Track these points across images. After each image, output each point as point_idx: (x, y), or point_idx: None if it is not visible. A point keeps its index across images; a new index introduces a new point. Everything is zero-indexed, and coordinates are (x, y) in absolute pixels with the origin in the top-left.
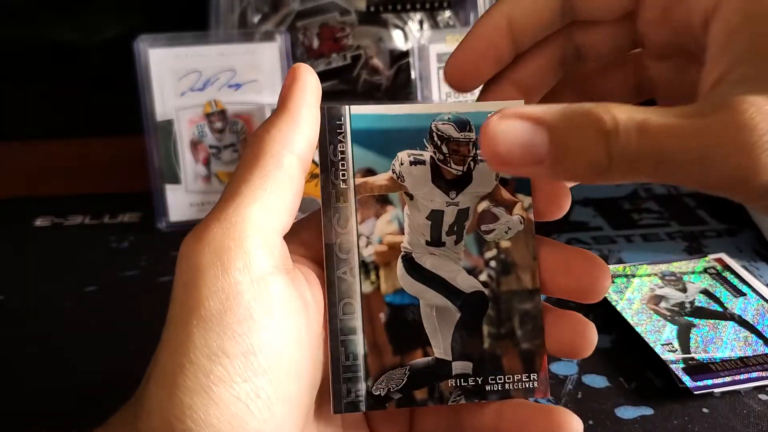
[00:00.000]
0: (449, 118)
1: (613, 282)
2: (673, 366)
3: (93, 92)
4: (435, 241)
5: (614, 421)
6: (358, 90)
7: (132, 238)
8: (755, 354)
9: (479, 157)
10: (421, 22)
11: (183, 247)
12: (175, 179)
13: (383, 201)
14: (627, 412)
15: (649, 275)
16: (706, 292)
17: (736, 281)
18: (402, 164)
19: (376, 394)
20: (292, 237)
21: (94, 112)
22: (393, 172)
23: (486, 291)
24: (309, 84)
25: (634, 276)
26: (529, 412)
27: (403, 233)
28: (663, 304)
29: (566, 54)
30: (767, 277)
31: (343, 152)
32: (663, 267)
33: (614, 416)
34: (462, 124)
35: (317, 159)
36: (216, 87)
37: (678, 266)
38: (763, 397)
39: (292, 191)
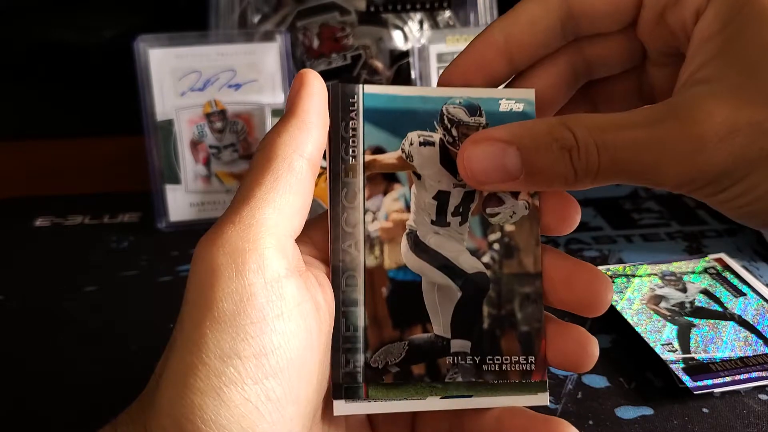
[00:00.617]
0: (460, 102)
1: (613, 282)
2: (673, 366)
3: (93, 92)
4: (440, 221)
5: (614, 422)
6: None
7: (132, 238)
8: (755, 354)
9: None
10: (421, 22)
11: (198, 248)
12: (175, 179)
13: (391, 179)
14: (627, 412)
15: (649, 275)
16: (706, 292)
17: (736, 281)
18: (412, 144)
19: (374, 366)
20: (302, 237)
21: (94, 112)
22: (402, 152)
23: (488, 272)
24: (316, 89)
25: (634, 276)
26: (527, 421)
27: (409, 211)
28: (663, 304)
29: (577, 67)
30: (767, 277)
31: (354, 129)
32: (663, 267)
33: (614, 416)
34: (473, 109)
35: (324, 163)
36: (216, 87)
37: (678, 266)
38: (763, 397)
39: (303, 194)
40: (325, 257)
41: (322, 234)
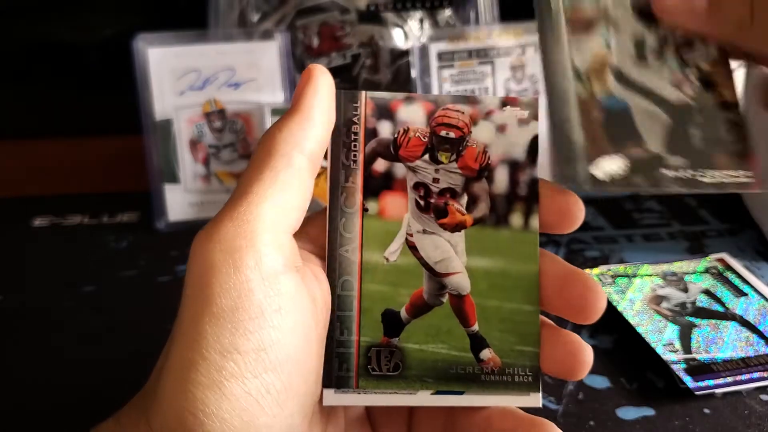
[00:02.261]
0: None
1: (614, 282)
2: (674, 366)
3: (92, 92)
4: (640, 59)
5: (615, 422)
6: (358, 89)
7: (131, 237)
8: (757, 354)
9: None
10: (421, 21)
11: (195, 244)
12: (174, 179)
13: (591, 23)
14: (628, 413)
15: (650, 275)
16: (707, 292)
17: (737, 281)
18: None
19: (595, 174)
20: (298, 233)
21: (93, 112)
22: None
23: (692, 102)
24: (322, 85)
25: (635, 276)
26: (515, 422)
27: (609, 50)
28: (664, 304)
29: None
30: None
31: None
32: (664, 267)
33: (615, 417)
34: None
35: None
36: (215, 86)
37: (679, 266)
38: (764, 397)
39: (302, 191)
40: (319, 251)
41: (317, 229)
